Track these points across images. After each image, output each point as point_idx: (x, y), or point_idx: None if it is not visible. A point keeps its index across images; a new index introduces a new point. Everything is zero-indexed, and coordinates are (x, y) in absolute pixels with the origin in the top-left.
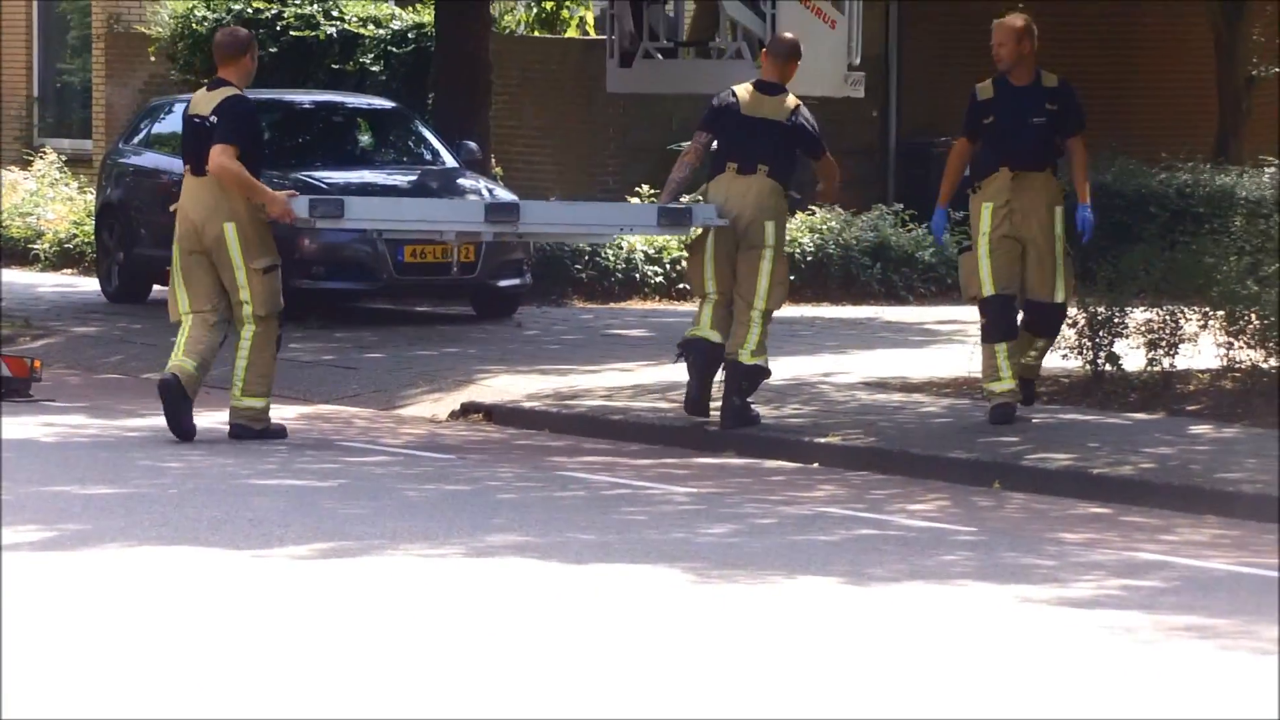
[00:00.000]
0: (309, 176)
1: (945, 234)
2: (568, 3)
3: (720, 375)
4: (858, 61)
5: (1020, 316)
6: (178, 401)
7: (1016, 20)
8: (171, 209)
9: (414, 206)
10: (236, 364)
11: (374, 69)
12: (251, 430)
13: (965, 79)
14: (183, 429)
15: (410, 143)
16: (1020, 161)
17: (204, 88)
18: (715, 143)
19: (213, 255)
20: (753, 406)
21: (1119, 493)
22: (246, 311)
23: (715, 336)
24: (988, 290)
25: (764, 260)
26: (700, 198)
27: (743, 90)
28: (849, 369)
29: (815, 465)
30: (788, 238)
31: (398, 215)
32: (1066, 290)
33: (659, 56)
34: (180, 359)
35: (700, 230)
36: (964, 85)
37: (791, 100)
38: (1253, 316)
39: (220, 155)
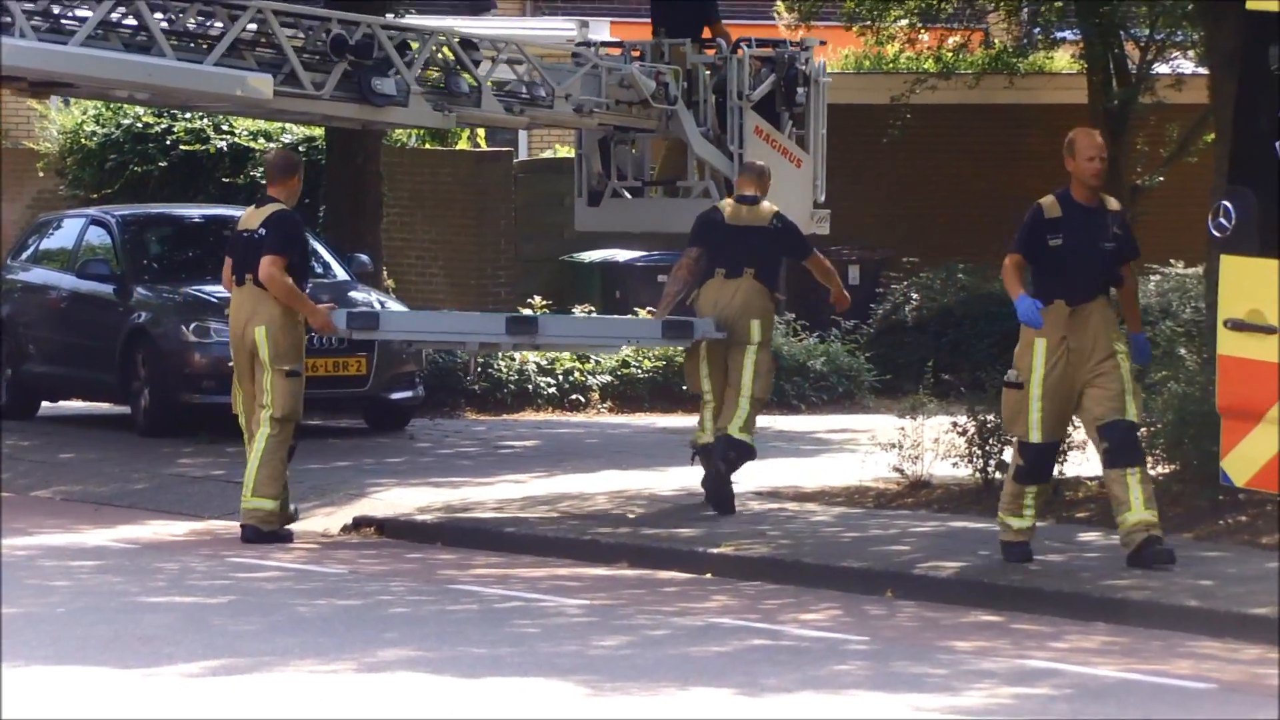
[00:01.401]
0: (199, 291)
1: (1038, 311)
2: None
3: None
4: (823, 199)
5: (1101, 447)
6: (280, 540)
7: (1098, 134)
8: (226, 313)
9: (441, 319)
10: (249, 465)
11: (265, 182)
12: (260, 533)
13: (859, 191)
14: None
15: None
16: (1081, 294)
17: (253, 206)
18: (704, 255)
19: (254, 358)
20: (732, 485)
21: (1010, 600)
22: (265, 414)
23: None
24: (1034, 437)
25: (748, 355)
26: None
27: (725, 204)
28: (741, 479)
29: (708, 575)
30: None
31: (427, 327)
32: (1137, 409)
33: (626, 195)
34: (255, 501)
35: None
36: (858, 197)
37: (772, 207)
38: None
39: (270, 266)
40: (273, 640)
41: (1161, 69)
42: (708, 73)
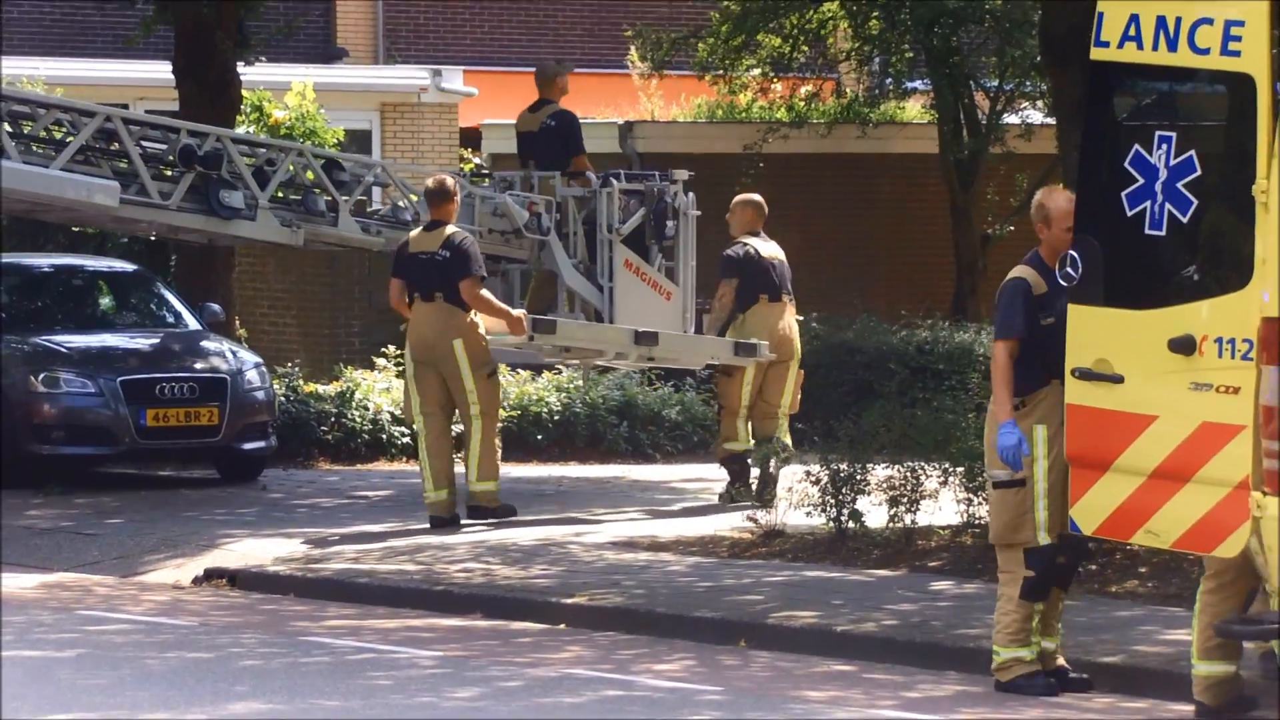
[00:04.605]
0: (49, 340)
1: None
2: None
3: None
4: (692, 331)
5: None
6: (451, 526)
7: (1070, 196)
8: (402, 328)
9: (589, 329)
10: (470, 457)
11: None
12: (487, 510)
13: (714, 240)
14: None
15: (152, 305)
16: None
17: (420, 229)
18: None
19: (440, 366)
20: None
21: (862, 650)
22: (474, 411)
23: (749, 446)
24: (1043, 539)
25: (791, 369)
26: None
27: (752, 240)
28: (596, 528)
29: (562, 626)
30: None
31: (582, 335)
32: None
33: None
34: (436, 494)
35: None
36: (712, 246)
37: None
38: None
39: (472, 288)
40: (121, 694)
41: (1010, 119)
42: (576, 205)
